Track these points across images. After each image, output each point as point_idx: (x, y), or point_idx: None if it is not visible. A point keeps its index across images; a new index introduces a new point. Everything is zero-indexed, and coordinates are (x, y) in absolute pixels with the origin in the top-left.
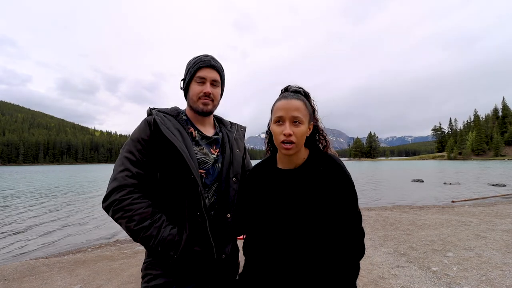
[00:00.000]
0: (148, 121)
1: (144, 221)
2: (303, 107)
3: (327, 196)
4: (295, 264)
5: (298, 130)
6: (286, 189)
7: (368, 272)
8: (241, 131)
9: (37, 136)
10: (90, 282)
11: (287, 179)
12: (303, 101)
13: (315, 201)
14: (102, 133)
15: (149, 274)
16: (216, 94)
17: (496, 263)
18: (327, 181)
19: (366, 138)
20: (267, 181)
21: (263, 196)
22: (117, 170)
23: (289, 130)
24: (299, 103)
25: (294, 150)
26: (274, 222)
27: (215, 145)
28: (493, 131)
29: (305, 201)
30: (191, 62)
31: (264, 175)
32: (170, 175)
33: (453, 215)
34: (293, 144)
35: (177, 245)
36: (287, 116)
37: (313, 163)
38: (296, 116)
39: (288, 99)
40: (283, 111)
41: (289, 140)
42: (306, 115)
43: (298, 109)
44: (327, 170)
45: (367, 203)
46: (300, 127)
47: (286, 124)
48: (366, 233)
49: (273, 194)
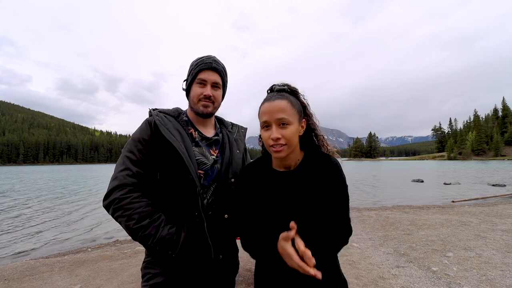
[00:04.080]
0: (149, 122)
1: (143, 220)
2: (289, 106)
3: (321, 196)
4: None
5: (286, 132)
6: (281, 192)
7: (368, 272)
8: (241, 132)
9: (37, 136)
10: (90, 282)
11: (282, 182)
12: (288, 99)
13: (310, 204)
14: (102, 133)
15: (148, 273)
16: (217, 96)
17: (496, 263)
18: (322, 182)
19: (366, 138)
20: (262, 182)
21: (259, 198)
22: (118, 169)
23: (276, 134)
24: (283, 103)
25: (286, 152)
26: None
27: (214, 146)
28: (493, 131)
29: (301, 204)
30: (193, 64)
31: (259, 176)
32: (169, 175)
33: (453, 215)
34: (284, 146)
35: (175, 244)
36: (272, 119)
37: (308, 165)
38: (282, 118)
39: (271, 101)
40: (267, 115)
41: (278, 143)
42: (293, 114)
43: (282, 109)
44: (322, 170)
45: (367, 203)
46: (288, 128)
47: (272, 128)
48: (366, 233)
49: (268, 196)
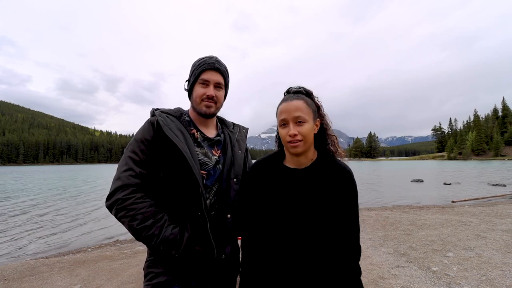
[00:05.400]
0: (151, 122)
1: (147, 220)
2: (305, 105)
3: (333, 200)
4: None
5: (302, 129)
6: (293, 188)
7: (368, 272)
8: (243, 132)
9: (37, 136)
10: (90, 282)
11: (295, 178)
12: (304, 100)
13: (321, 203)
14: (102, 133)
15: (151, 272)
16: (220, 96)
17: (496, 263)
18: (335, 185)
19: (366, 138)
20: (273, 178)
21: (269, 193)
22: (121, 170)
23: (294, 130)
24: (299, 102)
25: (302, 148)
26: (281, 221)
27: (216, 147)
28: (493, 131)
29: (312, 201)
30: (196, 64)
31: (269, 172)
32: (172, 176)
33: (453, 215)
34: (300, 142)
35: (179, 244)
36: (290, 117)
37: (321, 165)
38: (298, 116)
39: (289, 101)
40: (285, 113)
41: (295, 139)
42: (308, 113)
43: (299, 108)
44: (336, 174)
45: (367, 203)
46: (304, 125)
47: (290, 125)
48: (366, 233)
49: (280, 192)
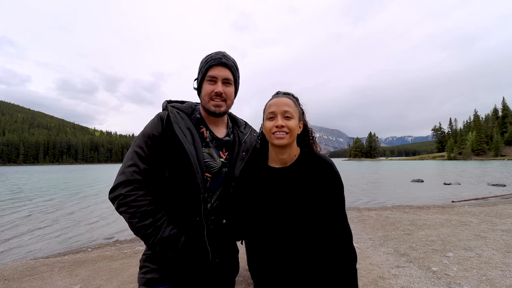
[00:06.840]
0: (161, 117)
1: (146, 219)
2: (293, 104)
3: (318, 194)
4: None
5: (289, 123)
6: (278, 188)
7: (368, 272)
8: (253, 135)
9: (37, 136)
10: (90, 282)
11: (279, 178)
12: (293, 100)
13: (307, 199)
14: (102, 133)
15: (147, 266)
16: (229, 93)
17: (496, 263)
18: (319, 179)
19: (366, 138)
20: (258, 179)
21: (255, 195)
22: (126, 164)
23: (281, 122)
24: (289, 100)
25: (287, 140)
26: (268, 221)
27: (224, 148)
28: (493, 131)
29: (298, 199)
30: (203, 61)
31: (255, 173)
32: (176, 175)
33: (453, 215)
34: (286, 134)
35: (175, 246)
36: (279, 111)
37: (304, 161)
38: (287, 111)
39: (279, 97)
40: (275, 106)
41: (282, 130)
42: (296, 112)
43: (288, 105)
44: (318, 168)
45: (367, 203)
46: (292, 120)
47: (278, 117)
48: (366, 233)
49: (266, 193)
